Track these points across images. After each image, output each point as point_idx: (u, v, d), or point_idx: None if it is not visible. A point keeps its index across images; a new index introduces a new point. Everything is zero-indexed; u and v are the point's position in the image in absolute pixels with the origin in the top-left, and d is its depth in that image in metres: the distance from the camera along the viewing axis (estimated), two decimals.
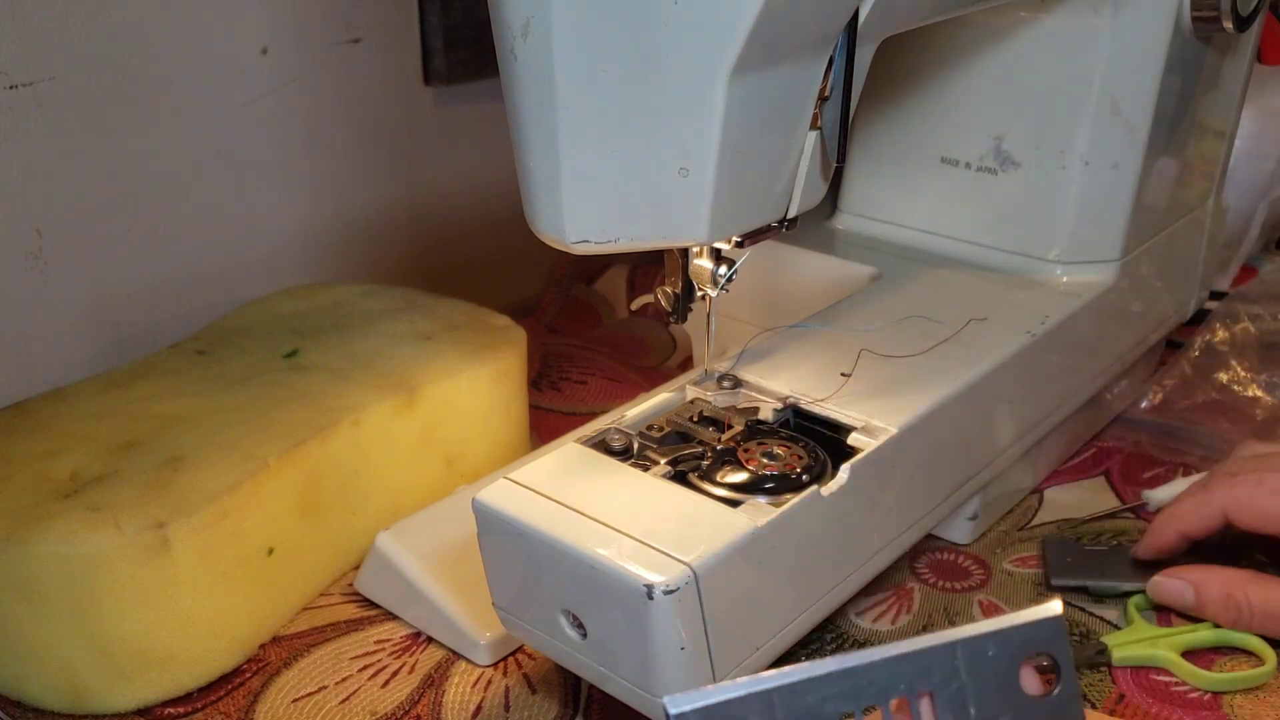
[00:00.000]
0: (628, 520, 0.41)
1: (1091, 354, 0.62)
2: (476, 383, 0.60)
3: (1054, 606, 0.27)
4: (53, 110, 0.63)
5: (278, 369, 0.58)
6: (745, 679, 0.25)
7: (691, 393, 0.50)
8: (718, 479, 0.44)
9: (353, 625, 0.54)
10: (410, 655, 0.52)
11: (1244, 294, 0.75)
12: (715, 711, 0.25)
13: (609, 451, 0.46)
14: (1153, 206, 0.64)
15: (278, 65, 0.73)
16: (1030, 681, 0.27)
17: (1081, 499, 0.63)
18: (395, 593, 0.54)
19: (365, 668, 0.51)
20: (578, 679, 0.50)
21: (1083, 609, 0.54)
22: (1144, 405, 0.70)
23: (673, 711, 0.24)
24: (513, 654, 0.52)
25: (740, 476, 0.44)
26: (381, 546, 0.54)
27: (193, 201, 0.72)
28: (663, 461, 0.45)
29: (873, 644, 0.47)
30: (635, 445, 0.46)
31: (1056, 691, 0.27)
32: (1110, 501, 0.63)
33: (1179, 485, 0.59)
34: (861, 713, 0.25)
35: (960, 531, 0.59)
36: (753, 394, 0.50)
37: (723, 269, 0.47)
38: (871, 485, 0.46)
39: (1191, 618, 0.51)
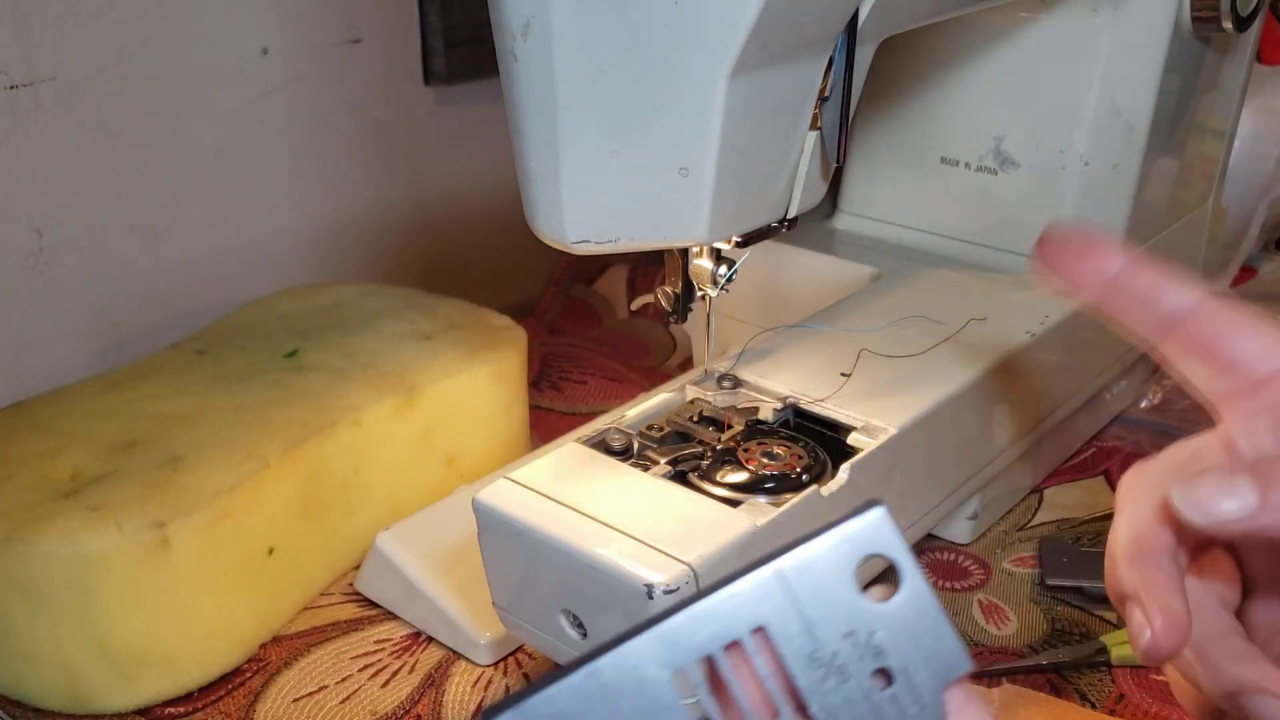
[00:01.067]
0: (628, 520, 0.41)
1: (1091, 354, 0.62)
2: (476, 383, 0.60)
3: (875, 505, 0.25)
4: (53, 110, 0.63)
5: (278, 369, 0.58)
6: (560, 669, 0.23)
7: (691, 393, 0.50)
8: (718, 479, 0.44)
9: (353, 625, 0.54)
10: (410, 655, 0.52)
11: (1244, 294, 0.75)
12: (535, 709, 0.22)
13: (609, 451, 0.46)
14: (1152, 206, 0.64)
15: (278, 65, 0.73)
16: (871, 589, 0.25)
17: (1081, 499, 0.63)
18: (395, 592, 0.54)
19: (365, 667, 0.51)
20: None
21: (1083, 609, 0.54)
22: (1144, 405, 0.71)
23: None
24: (513, 654, 0.52)
25: (740, 476, 0.44)
26: (381, 546, 0.54)
27: (193, 201, 0.72)
28: (663, 461, 0.45)
29: None
30: (635, 445, 0.46)
31: (900, 593, 0.24)
32: (1110, 502, 0.62)
33: None
34: (698, 664, 0.23)
35: (960, 531, 0.59)
36: (753, 394, 0.50)
37: (723, 269, 0.47)
38: (871, 485, 0.46)
39: None
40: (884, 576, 0.25)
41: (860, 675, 0.24)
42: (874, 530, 0.25)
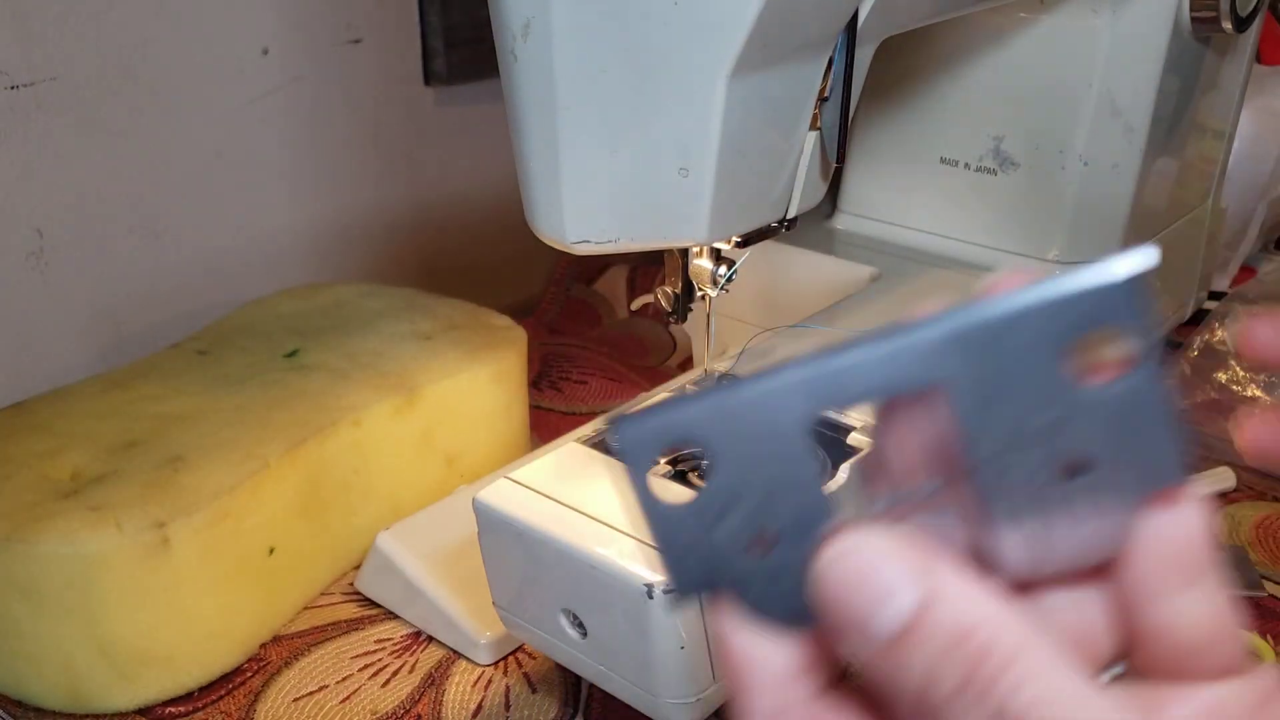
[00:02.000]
0: (628, 520, 0.41)
1: None
2: (476, 383, 0.60)
3: (1115, 268, 0.19)
4: (53, 110, 0.63)
5: (278, 369, 0.58)
6: (693, 394, 0.21)
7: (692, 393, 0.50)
8: None
9: (353, 625, 0.54)
10: (410, 654, 0.52)
11: (1243, 294, 0.75)
12: (667, 428, 0.20)
13: (609, 451, 0.46)
14: (1152, 206, 0.64)
15: (278, 65, 0.73)
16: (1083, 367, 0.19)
17: None
18: (396, 592, 0.54)
19: (366, 667, 0.51)
20: (578, 678, 0.50)
21: None
22: None
23: (624, 433, 0.20)
24: (513, 653, 0.52)
25: None
26: (382, 546, 0.54)
27: (193, 201, 0.72)
28: (663, 461, 0.45)
29: None
30: None
31: (1128, 378, 0.19)
32: None
33: None
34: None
35: None
36: None
37: (723, 269, 0.47)
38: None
39: None
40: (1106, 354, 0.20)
41: (1050, 461, 0.20)
42: (1110, 303, 0.19)
